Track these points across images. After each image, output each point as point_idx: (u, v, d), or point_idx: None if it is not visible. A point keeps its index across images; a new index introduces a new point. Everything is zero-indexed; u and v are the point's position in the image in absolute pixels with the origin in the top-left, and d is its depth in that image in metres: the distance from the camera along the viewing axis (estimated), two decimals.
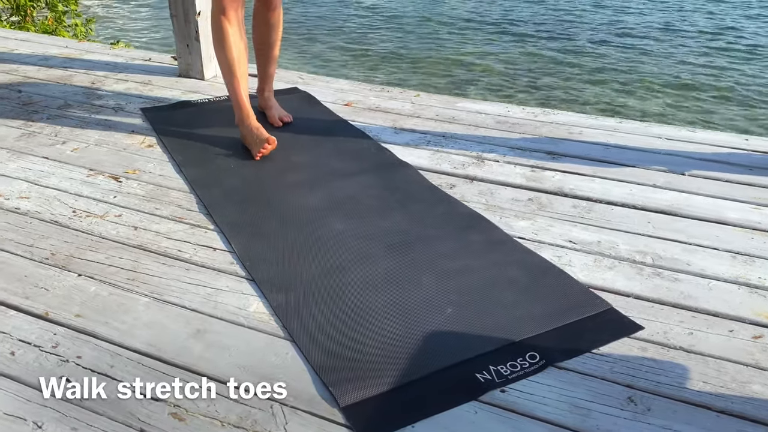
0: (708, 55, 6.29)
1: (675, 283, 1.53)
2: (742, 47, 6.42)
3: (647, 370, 1.27)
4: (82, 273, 1.56)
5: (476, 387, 1.22)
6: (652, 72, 5.89)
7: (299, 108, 2.54)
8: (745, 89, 5.41)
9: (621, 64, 6.11)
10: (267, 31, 2.32)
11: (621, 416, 1.17)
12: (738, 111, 5.01)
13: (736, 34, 6.74)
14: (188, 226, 1.77)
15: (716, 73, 5.78)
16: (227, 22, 2.08)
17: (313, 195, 1.91)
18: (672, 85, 5.58)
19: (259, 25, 2.32)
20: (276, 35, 2.33)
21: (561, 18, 7.68)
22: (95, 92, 2.72)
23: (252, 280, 1.54)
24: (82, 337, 1.36)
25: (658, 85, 5.57)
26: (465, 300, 1.45)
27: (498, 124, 2.44)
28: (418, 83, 5.36)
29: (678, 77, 5.75)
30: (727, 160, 2.15)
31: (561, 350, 1.31)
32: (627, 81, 5.69)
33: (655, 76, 5.78)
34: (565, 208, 1.87)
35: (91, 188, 1.96)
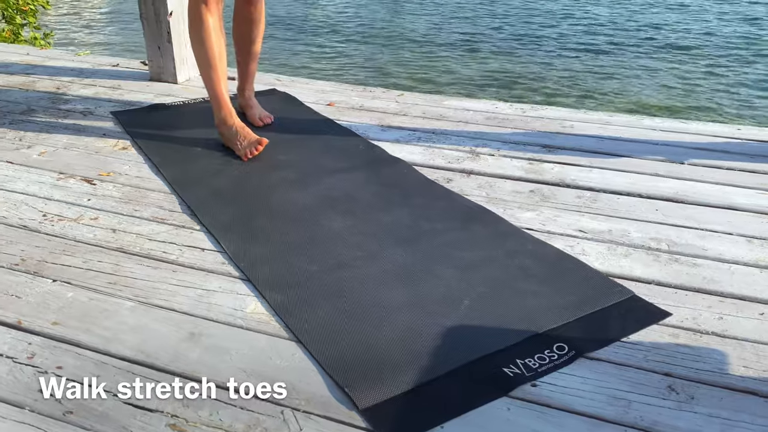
0: (676, 48, 6.39)
1: (695, 269, 1.46)
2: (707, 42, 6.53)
3: (683, 357, 1.19)
4: (57, 278, 1.42)
5: (506, 382, 1.12)
6: (622, 70, 5.93)
7: (280, 108, 2.42)
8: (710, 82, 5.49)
9: (592, 59, 6.15)
10: (249, 27, 2.20)
11: (664, 406, 1.08)
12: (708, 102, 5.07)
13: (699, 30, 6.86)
14: (172, 227, 1.64)
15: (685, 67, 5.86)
16: (208, 13, 1.96)
17: (305, 193, 1.79)
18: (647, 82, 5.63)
19: (240, 21, 2.20)
20: (258, 31, 2.22)
21: (531, 17, 7.73)
22: (61, 97, 2.56)
23: (247, 280, 1.42)
24: (62, 346, 1.21)
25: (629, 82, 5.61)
26: (483, 292, 1.35)
27: (487, 120, 2.37)
28: (390, 84, 5.28)
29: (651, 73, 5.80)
30: (723, 148, 2.11)
31: (590, 340, 1.22)
32: (602, 76, 5.71)
33: (625, 74, 5.82)
34: (569, 199, 1.79)
35: (63, 192, 1.81)
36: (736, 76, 5.60)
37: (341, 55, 6.42)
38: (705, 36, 6.82)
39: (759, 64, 5.87)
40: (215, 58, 2.00)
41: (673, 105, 4.98)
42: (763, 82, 5.43)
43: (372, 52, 6.48)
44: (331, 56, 6.39)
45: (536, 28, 7.26)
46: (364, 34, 7.05)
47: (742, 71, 5.71)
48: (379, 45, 6.71)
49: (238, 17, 2.20)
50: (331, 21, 7.68)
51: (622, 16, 7.55)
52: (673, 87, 5.36)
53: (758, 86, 5.34)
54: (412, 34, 7.06)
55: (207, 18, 1.96)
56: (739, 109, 4.91)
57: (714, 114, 4.79)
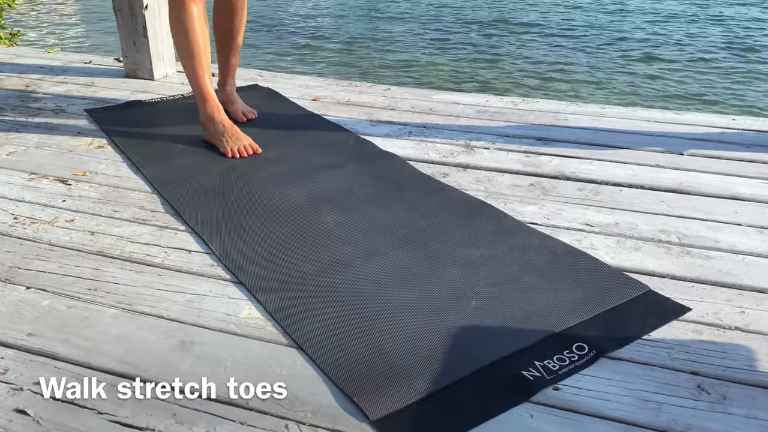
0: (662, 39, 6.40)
1: (709, 261, 1.40)
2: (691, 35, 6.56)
3: (710, 354, 1.12)
4: (32, 285, 1.31)
5: (526, 386, 1.04)
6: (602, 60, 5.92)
7: (264, 104, 2.32)
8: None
9: (570, 54, 6.13)
10: (230, 17, 2.10)
11: (696, 407, 1.01)
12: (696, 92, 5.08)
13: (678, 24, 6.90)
14: (155, 228, 1.53)
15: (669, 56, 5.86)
16: (192, 1, 1.84)
17: (295, 189, 1.70)
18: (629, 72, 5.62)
19: (221, 11, 2.10)
20: (240, 21, 2.11)
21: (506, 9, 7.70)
22: (30, 95, 2.43)
23: (239, 283, 1.32)
24: (38, 359, 1.10)
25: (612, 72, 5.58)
26: (493, 291, 1.27)
27: (479, 114, 2.30)
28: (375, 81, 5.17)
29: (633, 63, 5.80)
30: (720, 139, 2.07)
31: (609, 339, 1.15)
32: (579, 69, 5.68)
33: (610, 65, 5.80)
34: (571, 192, 1.73)
35: (35, 193, 1.69)
36: (720, 68, 5.63)
37: (321, 54, 6.30)
38: (685, 28, 6.86)
39: (743, 56, 5.91)
40: (200, 50, 1.89)
41: (664, 96, 4.97)
42: (751, 73, 5.47)
43: (352, 51, 6.38)
44: (311, 55, 6.27)
45: (515, 21, 7.23)
46: (342, 34, 6.94)
47: (726, 63, 5.74)
48: (360, 43, 6.61)
49: (218, 7, 2.09)
50: (307, 20, 7.56)
51: (601, 10, 7.57)
52: (659, 79, 5.36)
53: (740, 77, 5.37)
54: (392, 31, 6.98)
55: (191, 7, 1.84)
56: (726, 99, 4.92)
57: (699, 104, 4.79)
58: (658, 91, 5.12)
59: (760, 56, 5.92)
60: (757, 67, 5.63)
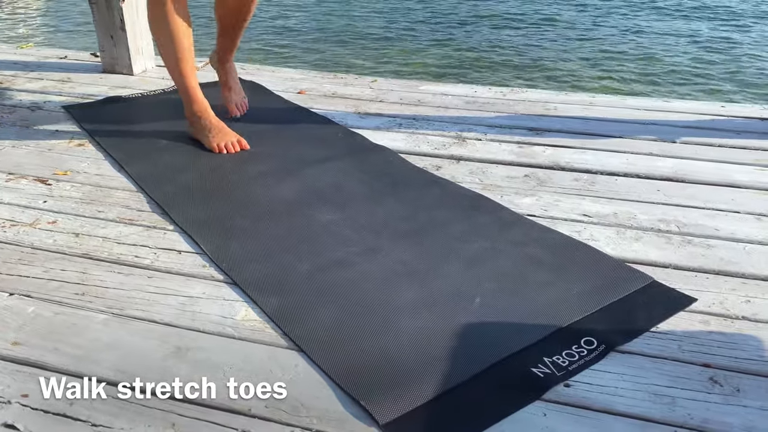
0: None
1: (710, 250, 1.39)
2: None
3: (720, 345, 1.10)
4: (15, 291, 1.25)
5: (536, 383, 1.01)
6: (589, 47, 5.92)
7: (248, 98, 2.26)
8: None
9: (552, 42, 6.12)
10: None
11: (710, 401, 0.99)
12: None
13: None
14: (142, 228, 1.48)
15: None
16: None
17: (286, 185, 1.65)
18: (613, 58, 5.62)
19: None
20: None
21: None
22: (4, 92, 2.35)
23: (233, 284, 1.27)
24: (25, 370, 1.05)
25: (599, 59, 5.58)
26: (496, 287, 1.24)
27: (468, 105, 2.26)
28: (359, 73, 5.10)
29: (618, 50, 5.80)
30: (711, 126, 2.06)
31: (617, 332, 1.13)
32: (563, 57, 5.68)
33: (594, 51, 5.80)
34: (566, 182, 1.70)
35: (13, 194, 1.63)
36: (703, 55, 5.65)
37: (303, 47, 6.21)
38: (665, 17, 6.89)
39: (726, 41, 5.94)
40: (183, 47, 1.81)
41: (651, 83, 4.98)
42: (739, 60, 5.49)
43: (332, 46, 6.30)
44: (293, 48, 6.18)
45: (494, 11, 7.21)
46: (321, 29, 6.85)
47: (710, 49, 5.77)
48: (340, 38, 6.53)
49: None
50: (288, 12, 7.45)
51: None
52: (646, 65, 5.37)
53: (724, 64, 5.40)
54: (371, 25, 6.91)
55: (169, 1, 1.77)
56: (708, 85, 4.94)
57: (682, 91, 4.80)
58: (640, 78, 5.12)
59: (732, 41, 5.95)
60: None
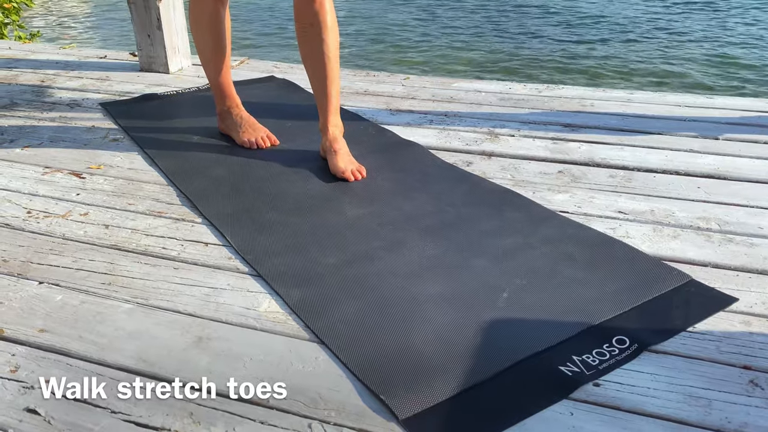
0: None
1: (753, 249, 1.32)
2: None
3: (762, 347, 1.05)
4: (44, 280, 1.26)
5: (564, 382, 0.97)
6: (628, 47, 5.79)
7: (280, 95, 2.28)
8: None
9: (595, 38, 6.01)
10: (314, 35, 1.62)
11: (750, 404, 0.94)
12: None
13: None
14: (171, 220, 1.48)
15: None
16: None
17: (315, 180, 1.64)
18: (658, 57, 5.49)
19: (303, 28, 1.64)
20: (327, 38, 1.62)
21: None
22: (46, 90, 2.40)
23: (258, 276, 1.27)
24: (50, 356, 1.06)
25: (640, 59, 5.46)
26: (525, 283, 1.20)
27: (502, 101, 2.23)
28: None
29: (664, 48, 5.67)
30: (757, 122, 1.98)
31: (652, 331, 1.08)
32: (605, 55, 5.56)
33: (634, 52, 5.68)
34: (602, 179, 1.65)
35: (49, 187, 1.65)
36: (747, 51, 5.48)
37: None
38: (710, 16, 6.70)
39: None
40: (219, 43, 1.83)
41: (694, 81, 4.84)
42: None
43: (367, 43, 6.31)
44: None
45: (534, 12, 7.12)
46: (356, 25, 6.88)
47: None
48: (374, 35, 6.54)
49: (299, 22, 1.65)
50: None
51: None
52: (688, 62, 5.23)
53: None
54: (406, 23, 6.91)
55: (209, 3, 1.78)
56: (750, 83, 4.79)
57: (724, 89, 4.67)
58: (679, 77, 4.99)
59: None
60: None
